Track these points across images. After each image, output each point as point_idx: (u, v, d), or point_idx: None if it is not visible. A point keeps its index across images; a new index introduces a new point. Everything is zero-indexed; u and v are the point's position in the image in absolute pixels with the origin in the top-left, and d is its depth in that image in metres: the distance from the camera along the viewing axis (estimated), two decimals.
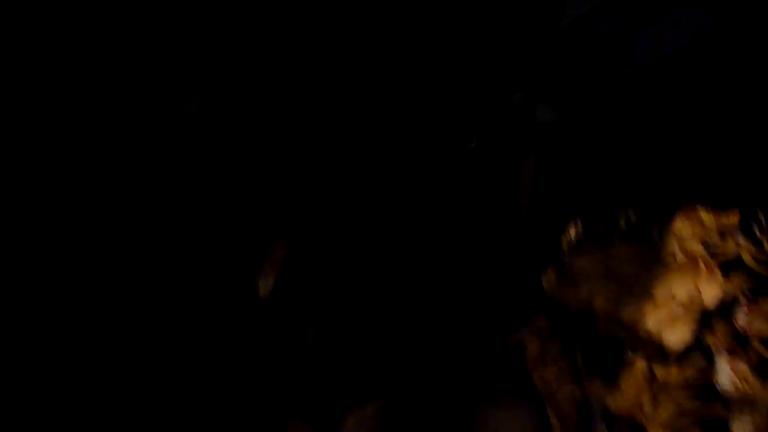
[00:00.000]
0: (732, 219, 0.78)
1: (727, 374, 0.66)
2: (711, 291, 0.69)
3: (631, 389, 0.67)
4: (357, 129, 1.34)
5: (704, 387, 0.66)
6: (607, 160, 1.43)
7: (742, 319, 0.68)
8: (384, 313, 1.14)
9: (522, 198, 1.50)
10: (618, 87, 1.59)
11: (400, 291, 1.15)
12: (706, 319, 0.68)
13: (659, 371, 0.67)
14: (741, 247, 0.72)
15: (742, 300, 0.68)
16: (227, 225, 1.15)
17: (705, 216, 0.77)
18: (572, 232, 0.80)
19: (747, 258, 0.71)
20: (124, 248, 1.13)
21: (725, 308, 0.68)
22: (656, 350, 0.67)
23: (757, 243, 0.75)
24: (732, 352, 0.66)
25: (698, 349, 0.67)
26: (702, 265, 0.71)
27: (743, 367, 0.66)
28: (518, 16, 1.65)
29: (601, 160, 1.46)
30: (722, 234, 0.74)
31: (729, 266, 0.71)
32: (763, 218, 0.78)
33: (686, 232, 0.76)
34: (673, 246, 0.74)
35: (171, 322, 1.10)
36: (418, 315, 1.14)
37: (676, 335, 0.66)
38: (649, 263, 0.74)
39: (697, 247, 0.73)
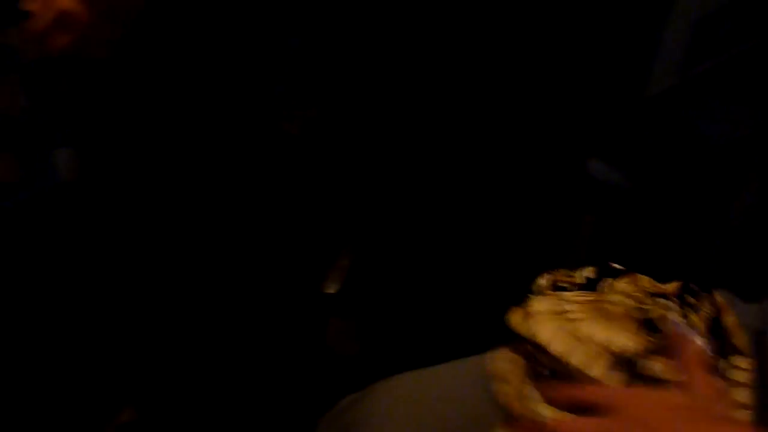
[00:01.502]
0: (670, 288, 0.97)
1: None
2: (619, 340, 0.88)
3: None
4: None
5: None
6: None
7: (640, 366, 0.87)
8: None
9: (580, 252, 1.71)
10: (694, 160, 1.77)
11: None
12: (614, 361, 0.87)
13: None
14: (660, 311, 0.91)
15: (642, 353, 0.87)
16: (304, 237, 1.43)
17: (644, 281, 0.96)
18: (541, 281, 1.01)
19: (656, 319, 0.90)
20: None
21: (628, 355, 0.87)
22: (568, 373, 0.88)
23: (685, 308, 0.94)
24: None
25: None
26: (624, 319, 0.90)
27: None
28: (607, 85, 1.85)
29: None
30: (654, 297, 0.93)
31: (646, 324, 0.90)
32: (695, 289, 0.96)
33: (627, 290, 0.95)
34: (611, 299, 0.94)
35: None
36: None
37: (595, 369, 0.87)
38: (588, 309, 0.94)
39: (629, 303, 0.92)
